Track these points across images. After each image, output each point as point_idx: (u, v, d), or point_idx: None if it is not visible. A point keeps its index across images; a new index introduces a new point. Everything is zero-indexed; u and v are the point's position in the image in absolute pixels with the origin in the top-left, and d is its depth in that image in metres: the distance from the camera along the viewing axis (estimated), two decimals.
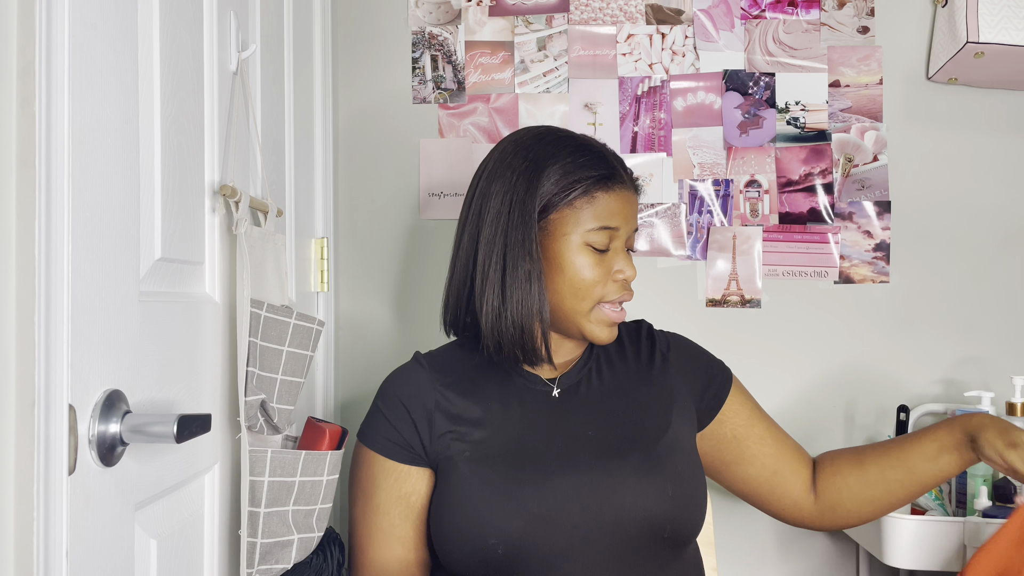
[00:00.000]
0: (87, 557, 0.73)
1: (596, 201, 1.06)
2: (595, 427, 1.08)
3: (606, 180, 1.06)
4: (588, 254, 1.06)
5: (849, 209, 1.66)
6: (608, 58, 1.68)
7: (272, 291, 1.10)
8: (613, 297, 1.08)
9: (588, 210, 1.06)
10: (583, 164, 1.06)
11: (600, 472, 1.03)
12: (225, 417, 1.05)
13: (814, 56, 1.67)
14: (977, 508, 1.31)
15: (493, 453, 1.06)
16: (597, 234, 1.05)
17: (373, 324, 1.69)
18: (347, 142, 1.70)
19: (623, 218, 1.07)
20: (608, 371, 1.15)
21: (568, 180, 1.05)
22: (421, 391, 1.10)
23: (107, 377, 0.77)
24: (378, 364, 1.66)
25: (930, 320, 1.66)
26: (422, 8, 1.69)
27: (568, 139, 1.10)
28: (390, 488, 1.09)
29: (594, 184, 1.06)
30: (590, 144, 1.10)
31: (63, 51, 0.71)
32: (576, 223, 1.06)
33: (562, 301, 1.07)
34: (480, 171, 1.12)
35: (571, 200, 1.05)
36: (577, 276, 1.06)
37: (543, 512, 1.01)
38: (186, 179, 0.95)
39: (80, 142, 0.73)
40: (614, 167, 1.08)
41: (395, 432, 1.10)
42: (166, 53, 0.90)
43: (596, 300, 1.07)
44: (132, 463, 0.81)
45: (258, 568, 1.01)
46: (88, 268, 0.74)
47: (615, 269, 1.07)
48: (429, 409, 1.09)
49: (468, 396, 1.10)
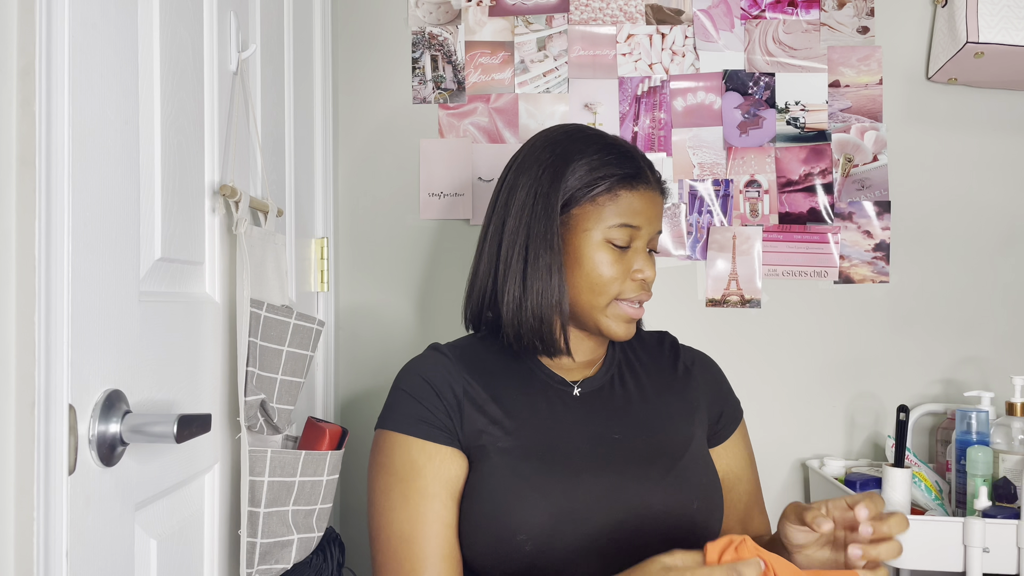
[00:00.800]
0: (87, 557, 0.73)
1: (619, 199, 1.06)
2: (620, 430, 1.07)
3: (631, 179, 1.07)
4: (608, 251, 1.06)
5: (849, 209, 1.66)
6: (608, 58, 1.68)
7: (272, 291, 1.09)
8: (630, 295, 1.08)
9: (611, 207, 1.06)
10: (609, 162, 1.07)
11: (628, 477, 1.02)
12: (225, 417, 1.05)
13: (814, 56, 1.67)
14: (977, 508, 1.31)
15: (525, 446, 1.03)
16: (618, 231, 1.06)
17: (373, 324, 1.69)
18: (347, 142, 1.70)
19: (645, 218, 1.07)
20: (631, 377, 1.14)
21: (593, 176, 1.06)
22: (450, 377, 1.07)
23: (107, 377, 0.77)
24: (378, 364, 1.66)
25: (930, 320, 1.66)
26: (422, 8, 1.69)
27: (597, 137, 1.11)
28: (435, 471, 1.02)
29: (618, 182, 1.06)
30: (619, 143, 1.11)
31: (63, 51, 0.71)
32: (598, 219, 1.06)
33: (579, 295, 1.07)
34: (510, 164, 1.13)
35: (594, 196, 1.06)
36: (595, 272, 1.06)
37: (572, 510, 0.99)
38: (186, 179, 0.95)
39: (80, 142, 0.73)
40: (640, 167, 1.08)
41: (428, 413, 1.04)
42: (166, 53, 0.90)
43: (612, 297, 1.07)
44: (132, 463, 0.81)
45: (258, 568, 1.01)
46: (88, 268, 0.74)
47: (634, 268, 1.07)
48: (458, 396, 1.06)
49: (492, 388, 1.08)
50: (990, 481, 1.37)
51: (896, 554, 0.85)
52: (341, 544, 1.22)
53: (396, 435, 1.04)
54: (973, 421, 1.40)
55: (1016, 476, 1.35)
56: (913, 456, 1.44)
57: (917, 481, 1.40)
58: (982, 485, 1.34)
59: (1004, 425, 1.40)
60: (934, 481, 1.43)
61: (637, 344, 1.20)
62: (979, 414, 1.40)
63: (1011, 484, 1.34)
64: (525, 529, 0.97)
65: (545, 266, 1.06)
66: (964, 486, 1.39)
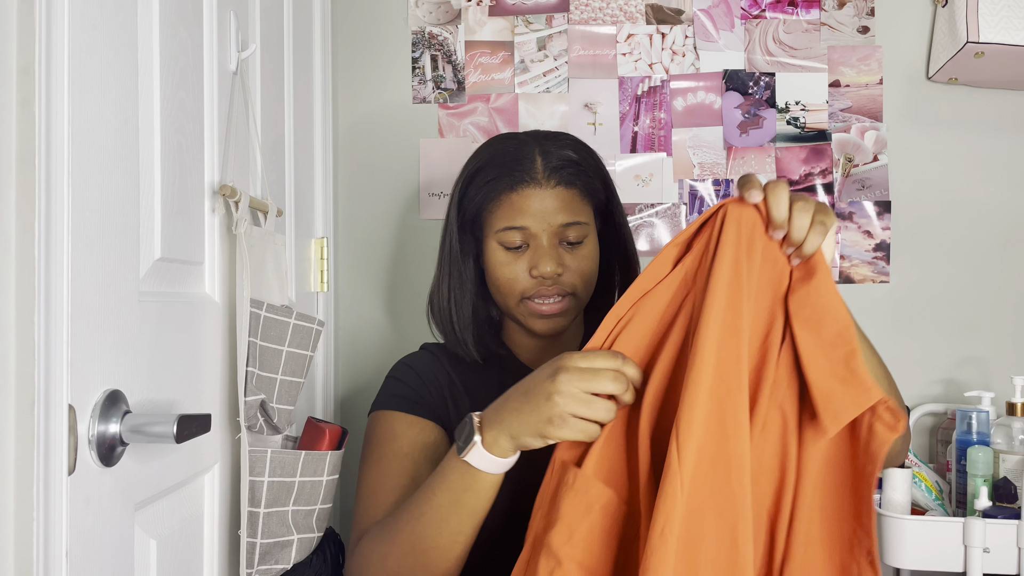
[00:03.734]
0: (87, 557, 0.73)
1: (502, 203, 1.10)
2: None
3: (511, 182, 1.10)
4: (500, 253, 1.11)
5: (849, 209, 1.66)
6: (608, 58, 1.68)
7: (272, 291, 1.09)
8: (529, 293, 1.11)
9: (497, 212, 1.11)
10: (494, 168, 1.11)
11: None
12: (225, 417, 1.05)
13: (814, 56, 1.67)
14: (977, 508, 1.31)
15: None
16: (505, 234, 1.10)
17: (373, 324, 1.69)
18: (347, 142, 1.70)
19: (532, 216, 1.09)
20: None
21: (482, 186, 1.12)
22: (437, 372, 1.16)
23: (107, 377, 0.77)
24: (378, 364, 1.66)
25: (930, 320, 1.66)
26: (422, 8, 1.69)
27: (493, 146, 1.15)
28: (413, 437, 1.09)
29: (502, 187, 1.10)
30: (505, 146, 1.14)
31: (63, 51, 0.71)
32: (490, 226, 1.12)
33: (495, 298, 1.15)
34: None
35: (487, 205, 1.12)
36: (493, 275, 1.12)
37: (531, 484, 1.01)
38: (186, 179, 0.95)
39: (80, 142, 0.73)
40: (523, 167, 1.10)
41: (413, 392, 1.13)
42: (166, 53, 0.90)
43: (518, 296, 1.11)
44: (132, 463, 0.81)
45: (258, 568, 1.01)
46: (88, 268, 0.74)
47: (530, 266, 1.10)
48: (443, 386, 1.14)
49: (468, 382, 1.16)
50: (990, 481, 1.36)
51: (821, 237, 0.81)
52: (341, 544, 1.22)
53: (382, 412, 1.13)
54: (973, 421, 1.40)
55: (1016, 476, 1.35)
56: (913, 456, 1.44)
57: (917, 481, 1.40)
58: (982, 485, 1.33)
59: (1004, 425, 1.40)
60: (934, 481, 1.43)
61: None
62: (979, 414, 1.40)
63: (1011, 484, 1.34)
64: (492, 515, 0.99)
65: (458, 278, 1.15)
66: (964, 486, 1.39)
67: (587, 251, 1.13)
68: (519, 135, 1.17)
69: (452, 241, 1.15)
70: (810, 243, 0.82)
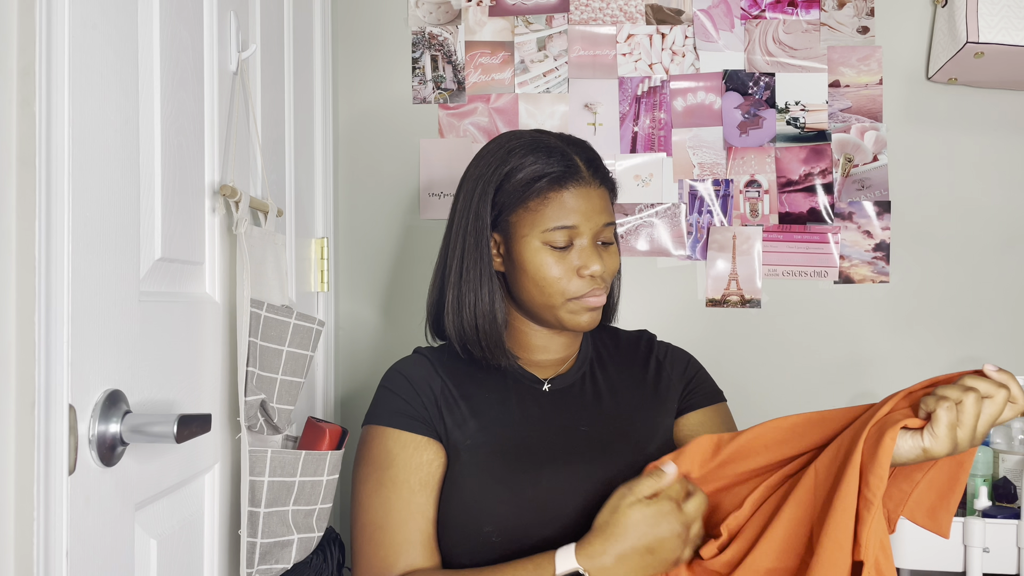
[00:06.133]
0: (87, 557, 0.73)
1: (550, 201, 1.07)
2: (588, 423, 1.10)
3: (559, 179, 1.07)
4: (548, 253, 1.08)
5: (849, 209, 1.66)
6: (608, 58, 1.68)
7: (272, 291, 1.10)
8: (580, 293, 1.09)
9: (543, 211, 1.07)
10: (535, 165, 1.08)
11: (595, 465, 1.04)
12: (225, 417, 1.05)
13: (814, 56, 1.67)
14: (977, 508, 1.31)
15: (492, 443, 1.06)
16: (553, 234, 1.07)
17: (373, 324, 1.69)
18: (347, 142, 1.70)
19: (581, 215, 1.07)
20: (602, 374, 1.16)
21: (520, 183, 1.08)
22: (428, 377, 1.12)
23: (107, 377, 0.77)
24: (378, 364, 1.66)
25: (930, 320, 1.66)
26: (422, 8, 1.69)
27: (524, 142, 1.11)
28: (407, 460, 1.07)
29: (547, 184, 1.07)
30: (545, 143, 1.10)
31: (63, 51, 0.71)
32: (532, 224, 1.08)
33: (532, 298, 1.10)
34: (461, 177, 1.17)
35: (525, 203, 1.08)
36: (539, 274, 1.08)
37: (537, 499, 1.02)
38: (186, 179, 0.95)
39: (80, 142, 0.73)
40: (568, 165, 1.08)
41: (407, 405, 1.09)
42: (166, 53, 0.90)
43: (564, 296, 1.09)
44: (132, 463, 0.81)
45: (258, 568, 1.01)
46: (88, 268, 0.74)
47: (579, 265, 1.08)
48: (436, 394, 1.11)
49: (464, 388, 1.12)
50: (990, 481, 1.37)
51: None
52: (341, 544, 1.22)
53: (376, 427, 1.10)
54: None
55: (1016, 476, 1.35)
56: None
57: None
58: (982, 485, 1.34)
59: (1004, 425, 1.40)
60: None
61: (611, 342, 1.22)
62: None
63: (1011, 484, 1.34)
64: (492, 521, 1.01)
65: (476, 277, 1.10)
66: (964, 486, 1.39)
67: (615, 249, 1.13)
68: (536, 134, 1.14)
69: (480, 243, 1.09)
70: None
